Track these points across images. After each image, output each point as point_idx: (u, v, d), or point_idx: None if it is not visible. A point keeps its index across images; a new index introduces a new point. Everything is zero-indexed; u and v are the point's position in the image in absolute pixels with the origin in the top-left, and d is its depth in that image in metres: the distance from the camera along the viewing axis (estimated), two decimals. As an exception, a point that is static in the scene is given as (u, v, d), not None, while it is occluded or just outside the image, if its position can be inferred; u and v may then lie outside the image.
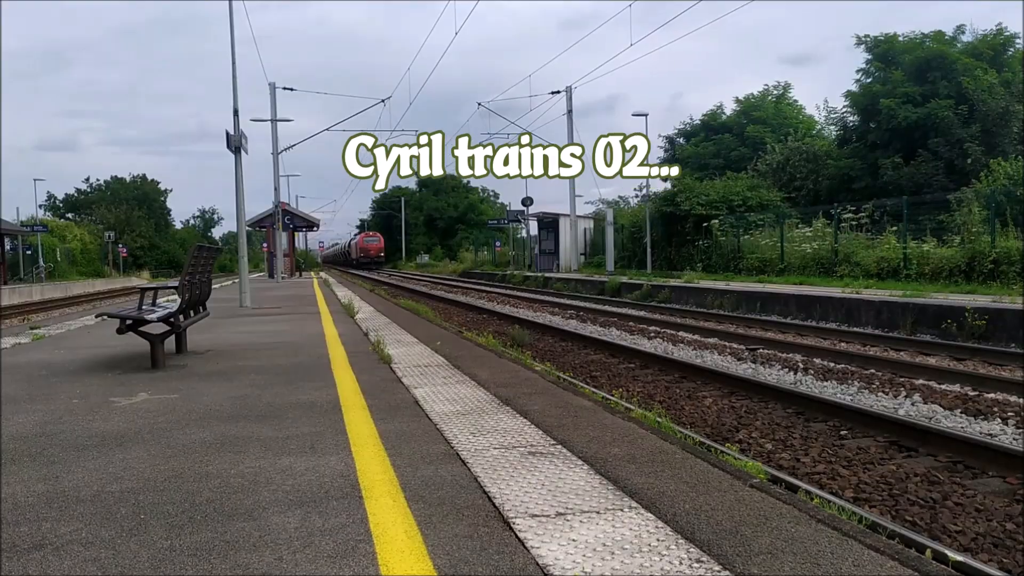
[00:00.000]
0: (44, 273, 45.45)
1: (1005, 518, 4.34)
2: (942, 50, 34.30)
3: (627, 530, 2.68)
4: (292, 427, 4.42)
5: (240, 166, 15.90)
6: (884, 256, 19.99)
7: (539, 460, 3.60)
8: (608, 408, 4.90)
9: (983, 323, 11.58)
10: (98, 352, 8.48)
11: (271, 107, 33.05)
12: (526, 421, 4.45)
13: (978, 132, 31.41)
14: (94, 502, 3.13)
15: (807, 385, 8.33)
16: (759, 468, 4.01)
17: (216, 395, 5.55)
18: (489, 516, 2.86)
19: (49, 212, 78.67)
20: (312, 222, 47.75)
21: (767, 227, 26.73)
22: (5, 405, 5.34)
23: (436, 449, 3.86)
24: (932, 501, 4.62)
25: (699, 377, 8.78)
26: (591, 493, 3.10)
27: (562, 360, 10.67)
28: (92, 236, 61.01)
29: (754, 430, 6.40)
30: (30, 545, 2.67)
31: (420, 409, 4.86)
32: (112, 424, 4.63)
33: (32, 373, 6.94)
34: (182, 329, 7.88)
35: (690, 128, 55.46)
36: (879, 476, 5.08)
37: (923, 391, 7.75)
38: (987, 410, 6.88)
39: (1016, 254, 16.22)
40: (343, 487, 3.25)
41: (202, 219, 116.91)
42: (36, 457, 3.89)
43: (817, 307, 15.50)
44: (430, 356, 7.47)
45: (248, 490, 3.24)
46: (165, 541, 2.68)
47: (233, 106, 15.75)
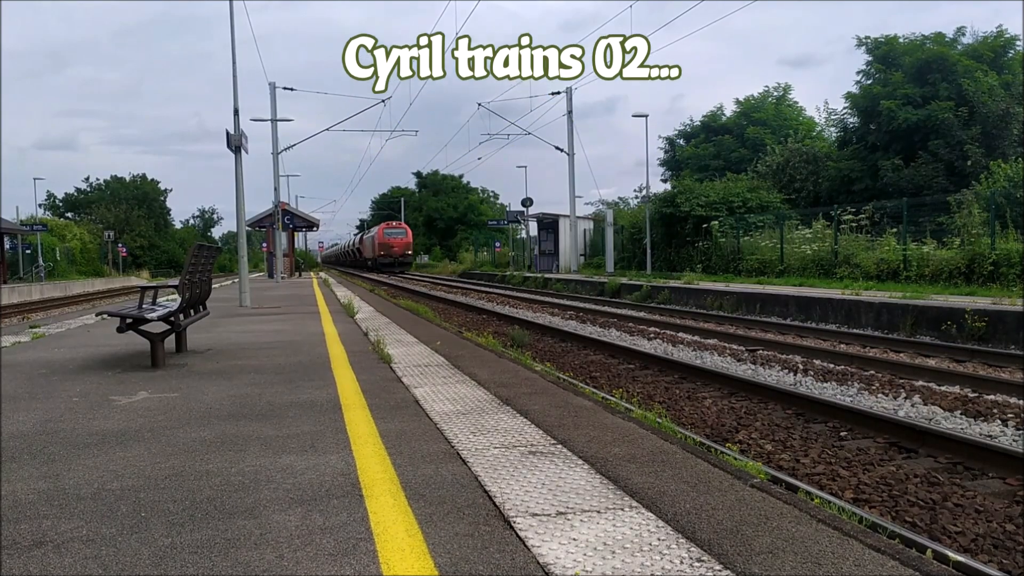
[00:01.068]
0: (44, 272, 45.40)
1: (1005, 519, 4.34)
2: (942, 52, 34.31)
3: (628, 529, 2.68)
4: (292, 426, 4.42)
5: (240, 166, 15.90)
6: (884, 258, 20.00)
7: (539, 459, 3.60)
8: (608, 408, 4.90)
9: (983, 325, 11.58)
10: (98, 351, 8.48)
11: (271, 107, 33.05)
12: (526, 421, 4.44)
13: (978, 134, 31.42)
14: (95, 500, 3.13)
15: (807, 386, 8.33)
16: (759, 468, 4.01)
17: (216, 394, 5.54)
18: (490, 515, 2.86)
19: (49, 211, 78.72)
20: (312, 222, 47.74)
21: (767, 228, 26.74)
22: (5, 403, 5.34)
23: (436, 448, 3.86)
24: (932, 502, 4.62)
25: (699, 378, 8.78)
26: (591, 492, 3.10)
27: (562, 360, 10.67)
28: (92, 235, 60.96)
29: (754, 431, 6.40)
30: (31, 543, 2.67)
31: (420, 408, 4.86)
32: (112, 422, 4.63)
33: (32, 371, 6.93)
34: (182, 328, 7.88)
35: (690, 129, 55.51)
36: (879, 477, 5.08)
37: (923, 392, 7.75)
38: (987, 412, 6.88)
39: (1016, 256, 16.22)
40: (344, 486, 3.25)
41: (202, 219, 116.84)
42: (36, 455, 3.89)
43: (817, 308, 15.50)
44: (430, 356, 7.46)
45: (249, 488, 3.24)
46: (166, 539, 2.68)
47: (233, 106, 15.75)
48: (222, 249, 61.43)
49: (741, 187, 31.97)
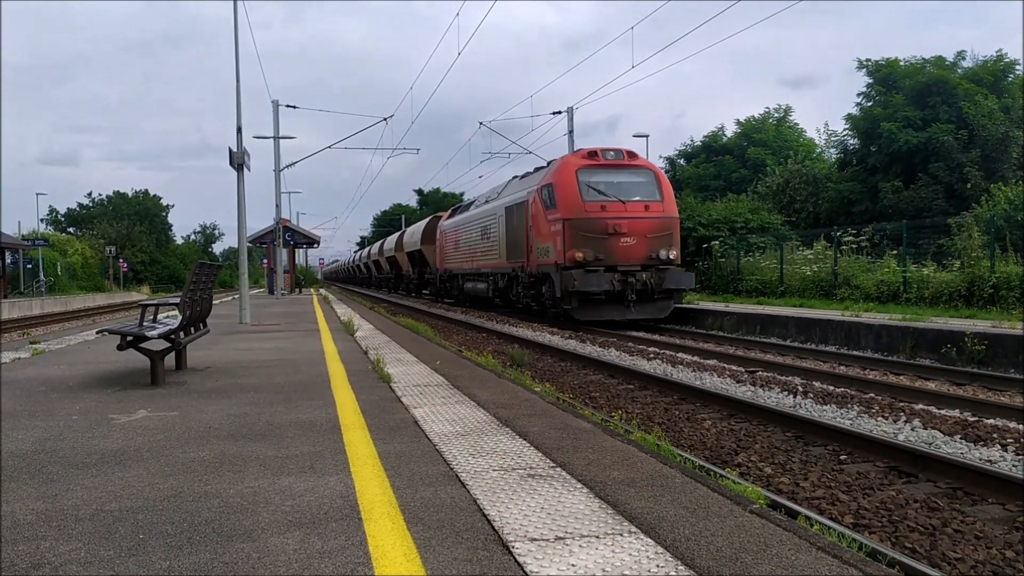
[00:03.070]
0: (44, 287, 45.44)
1: (1005, 546, 4.32)
2: (943, 75, 34.55)
3: (627, 555, 2.68)
4: (291, 446, 4.42)
5: (242, 183, 15.96)
6: (884, 279, 20.01)
7: (538, 483, 3.60)
8: (607, 430, 4.89)
9: (983, 348, 11.57)
10: (98, 368, 8.47)
11: (274, 125, 33.19)
12: (525, 443, 4.44)
13: (978, 157, 31.56)
14: (93, 521, 3.13)
15: (806, 408, 8.31)
16: (759, 493, 4.00)
17: (215, 413, 5.54)
18: (488, 539, 2.85)
19: (51, 226, 78.90)
20: (313, 239, 47.80)
21: (768, 249, 26.78)
22: (5, 421, 5.34)
23: (435, 470, 3.85)
24: (932, 528, 4.61)
25: (698, 399, 8.77)
26: (590, 517, 3.09)
27: (561, 380, 10.66)
28: (93, 251, 61.12)
29: (753, 453, 6.38)
30: (29, 564, 2.67)
31: (420, 429, 4.86)
32: (111, 441, 4.62)
33: (32, 388, 6.93)
34: (182, 346, 7.88)
35: (691, 149, 55.71)
36: (879, 502, 5.06)
37: (923, 416, 7.74)
38: (987, 436, 6.87)
39: (1016, 279, 16.23)
40: (342, 508, 3.25)
41: (203, 235, 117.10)
42: (35, 474, 3.88)
43: (816, 330, 15.50)
44: (430, 375, 7.46)
45: (247, 510, 3.23)
46: (164, 562, 2.67)
47: (236, 124, 15.84)
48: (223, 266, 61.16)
49: (743, 207, 32.05)
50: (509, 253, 21.99)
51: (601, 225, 17.79)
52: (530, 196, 20.02)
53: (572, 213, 17.90)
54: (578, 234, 17.74)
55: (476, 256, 26.10)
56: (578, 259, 17.56)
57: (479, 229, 25.54)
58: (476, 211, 26.72)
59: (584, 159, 18.94)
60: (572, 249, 17.68)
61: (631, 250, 17.94)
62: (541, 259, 19.18)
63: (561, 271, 17.76)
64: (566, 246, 17.80)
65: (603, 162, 18.83)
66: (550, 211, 18.59)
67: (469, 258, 27.28)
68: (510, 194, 22.72)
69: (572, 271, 17.42)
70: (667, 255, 18.15)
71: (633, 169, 19.11)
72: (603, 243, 17.76)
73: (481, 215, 25.56)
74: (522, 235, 20.59)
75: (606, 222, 17.81)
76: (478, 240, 25.69)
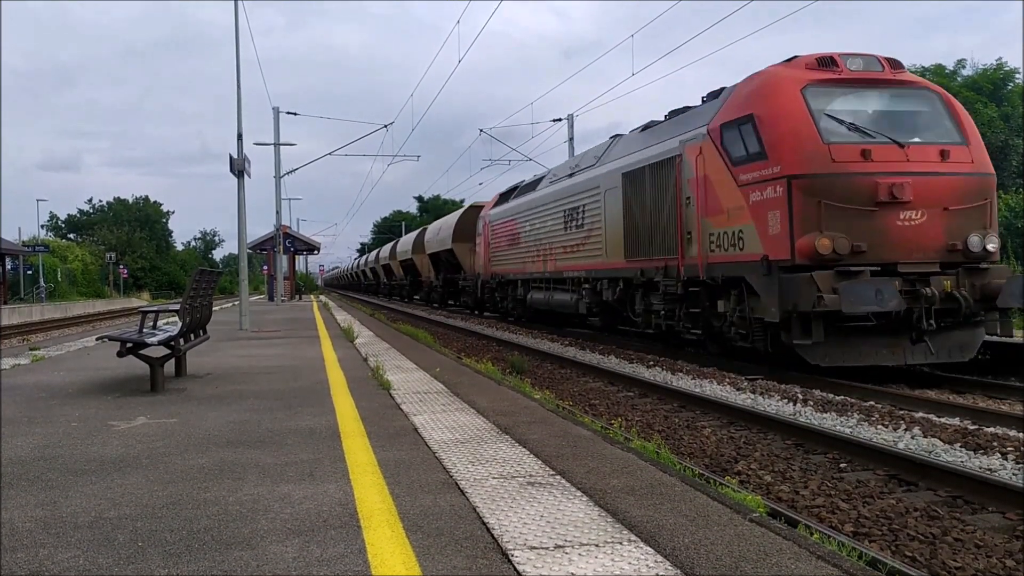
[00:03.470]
0: (44, 293, 45.45)
1: (1005, 555, 4.31)
2: (942, 83, 34.58)
3: (626, 564, 2.67)
4: (291, 454, 4.42)
5: (243, 189, 15.99)
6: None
7: (538, 491, 3.59)
8: (607, 438, 4.89)
9: (982, 356, 11.56)
10: (97, 374, 8.48)
11: (274, 132, 33.26)
12: (525, 450, 4.44)
13: (977, 165, 31.60)
14: (92, 528, 3.12)
15: (806, 416, 8.30)
16: (759, 502, 4.00)
17: (215, 420, 5.54)
18: (487, 547, 2.85)
19: (51, 232, 78.94)
20: (313, 245, 47.87)
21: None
22: (5, 427, 5.34)
23: (435, 478, 3.85)
24: (932, 536, 4.60)
25: (698, 407, 8.76)
26: (590, 525, 3.09)
27: (561, 388, 10.65)
28: (93, 257, 61.14)
29: (753, 461, 6.37)
30: (27, 572, 2.67)
31: (419, 437, 4.86)
32: (111, 448, 4.62)
33: (31, 395, 6.93)
34: (182, 352, 7.89)
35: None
36: (879, 510, 5.06)
37: (923, 424, 7.72)
38: (987, 444, 6.85)
39: (1015, 287, 16.16)
40: (341, 516, 3.24)
41: (203, 241, 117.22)
42: (34, 481, 3.88)
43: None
44: (429, 383, 7.46)
45: (246, 518, 3.23)
46: (163, 570, 2.67)
47: (237, 131, 15.88)
48: (223, 273, 61.25)
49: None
50: (630, 246, 14.13)
51: (866, 187, 9.74)
52: (690, 146, 11.98)
53: (807, 165, 9.84)
54: (821, 204, 9.68)
55: (554, 253, 18.27)
56: (823, 252, 9.62)
57: (560, 214, 17.80)
58: (551, 189, 18.74)
59: (813, 70, 10.62)
60: (811, 232, 9.69)
61: (920, 234, 9.94)
62: (718, 252, 11.26)
63: (785, 272, 9.86)
64: (795, 227, 9.79)
65: (848, 74, 10.57)
66: (747, 165, 10.60)
67: (539, 256, 19.41)
68: (632, 152, 14.46)
69: (814, 273, 9.49)
70: (983, 244, 10.33)
71: (905, 87, 10.87)
72: (867, 221, 9.76)
73: (563, 193, 17.71)
74: (668, 214, 12.65)
75: (875, 181, 9.71)
76: (557, 230, 18.01)
